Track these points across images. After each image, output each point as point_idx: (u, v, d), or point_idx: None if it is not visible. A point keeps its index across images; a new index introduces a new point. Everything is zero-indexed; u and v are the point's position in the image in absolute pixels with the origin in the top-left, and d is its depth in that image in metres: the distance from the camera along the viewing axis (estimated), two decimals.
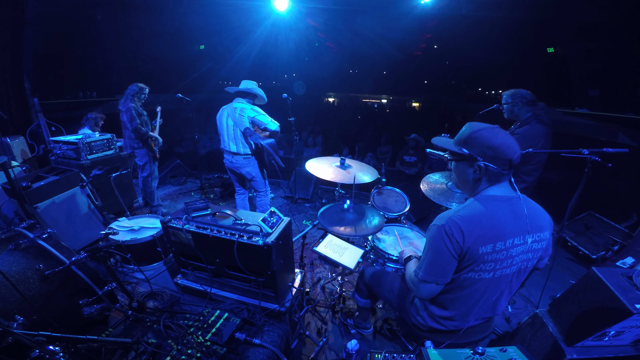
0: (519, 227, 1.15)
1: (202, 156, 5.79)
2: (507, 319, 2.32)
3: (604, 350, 1.42)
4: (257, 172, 3.19)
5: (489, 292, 1.25)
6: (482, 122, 1.22)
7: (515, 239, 1.15)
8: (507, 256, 1.16)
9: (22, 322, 1.07)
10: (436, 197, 2.21)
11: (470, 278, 1.20)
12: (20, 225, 1.50)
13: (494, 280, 1.22)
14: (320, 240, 2.06)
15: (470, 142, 1.16)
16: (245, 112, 2.94)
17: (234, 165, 3.14)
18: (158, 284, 1.87)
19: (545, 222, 1.21)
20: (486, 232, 1.12)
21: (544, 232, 1.20)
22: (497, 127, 1.17)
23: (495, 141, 1.11)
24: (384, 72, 14.59)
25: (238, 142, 3.02)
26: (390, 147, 6.18)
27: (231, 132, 3.00)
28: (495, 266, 1.17)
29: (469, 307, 1.29)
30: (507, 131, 1.19)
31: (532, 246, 1.19)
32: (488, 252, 1.14)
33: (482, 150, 1.14)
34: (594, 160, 1.87)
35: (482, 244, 1.12)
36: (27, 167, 3.56)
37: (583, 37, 4.44)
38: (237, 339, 1.44)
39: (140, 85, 3.54)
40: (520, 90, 2.49)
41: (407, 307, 1.52)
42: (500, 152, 1.11)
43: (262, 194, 3.34)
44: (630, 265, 2.63)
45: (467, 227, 1.12)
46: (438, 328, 1.41)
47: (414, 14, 5.67)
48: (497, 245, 1.13)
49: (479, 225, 1.12)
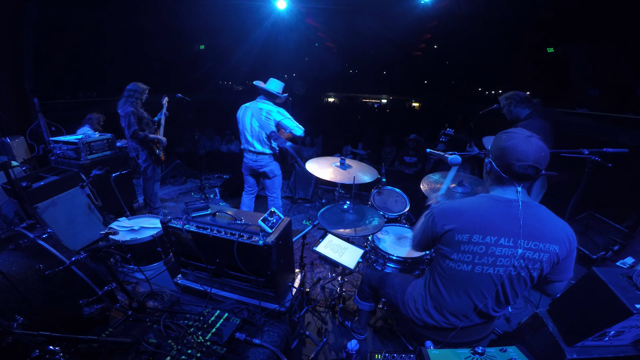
0: (509, 229, 1.15)
1: (202, 156, 5.78)
2: (507, 319, 2.32)
3: (604, 350, 1.42)
4: (279, 172, 3.19)
5: (474, 289, 1.26)
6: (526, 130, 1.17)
7: (502, 239, 1.16)
8: (487, 252, 1.18)
9: (22, 322, 1.06)
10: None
11: (452, 267, 1.26)
12: (20, 225, 1.50)
13: (476, 276, 1.23)
14: (320, 240, 2.06)
15: (494, 140, 1.23)
16: (272, 114, 2.86)
17: (258, 164, 3.08)
18: (158, 284, 1.87)
19: (552, 235, 1.15)
20: (466, 223, 1.19)
21: (546, 243, 1.15)
22: (527, 135, 1.13)
23: (505, 143, 1.14)
24: (384, 72, 14.61)
25: (263, 143, 2.99)
26: (395, 147, 6.19)
27: (255, 133, 2.95)
28: (473, 259, 1.20)
29: (456, 299, 1.31)
30: (527, 136, 1.13)
31: (526, 254, 1.15)
32: (464, 242, 1.19)
33: (493, 149, 1.20)
34: (594, 160, 1.87)
35: (459, 232, 1.19)
36: (27, 167, 3.56)
37: (583, 37, 4.45)
38: (237, 339, 1.44)
39: (140, 85, 3.36)
40: (513, 92, 2.60)
41: (406, 300, 1.54)
42: (503, 155, 1.14)
43: (275, 197, 3.28)
44: (630, 265, 2.63)
45: (451, 214, 1.23)
46: (432, 324, 1.42)
47: (414, 14, 5.67)
48: (473, 237, 1.17)
49: (461, 216, 1.20)
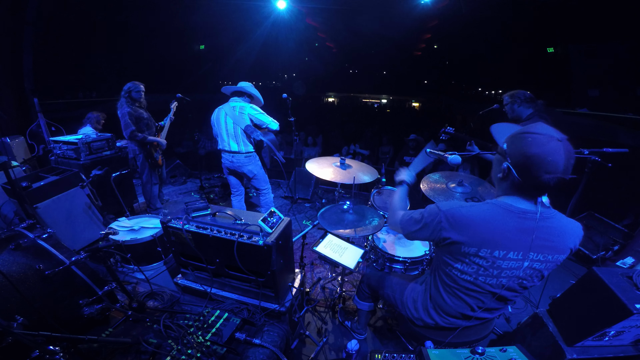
0: (520, 243, 1.09)
1: (202, 156, 5.79)
2: (507, 319, 2.32)
3: (604, 350, 1.42)
4: (259, 170, 3.18)
5: (473, 296, 1.26)
6: (548, 126, 1.03)
7: (510, 253, 1.11)
8: (494, 265, 1.14)
9: (22, 322, 1.06)
10: (436, 197, 2.20)
11: (455, 275, 1.23)
12: (20, 225, 1.50)
13: (477, 285, 1.22)
14: (320, 240, 2.06)
15: (514, 140, 1.06)
16: (245, 110, 2.94)
17: (235, 165, 3.11)
18: (158, 284, 1.86)
19: (563, 246, 1.11)
20: (475, 236, 1.11)
21: (555, 255, 1.12)
22: (556, 139, 0.98)
23: (531, 150, 0.98)
24: (384, 72, 14.63)
25: (239, 140, 3.00)
26: (392, 147, 6.19)
27: (231, 130, 2.97)
28: (477, 270, 1.17)
29: (456, 301, 1.31)
30: (557, 140, 0.98)
31: (533, 264, 1.13)
32: (470, 254, 1.14)
33: (515, 153, 1.04)
34: (594, 160, 1.87)
35: (467, 245, 1.13)
36: (27, 167, 3.56)
37: (583, 37, 4.45)
38: (237, 339, 1.44)
39: (136, 84, 3.35)
40: (518, 90, 2.58)
41: (405, 300, 1.53)
42: (529, 165, 0.99)
43: (264, 192, 3.31)
44: (630, 265, 2.63)
45: (459, 224, 1.12)
46: (431, 324, 1.41)
47: (414, 14, 5.68)
48: (481, 251, 1.12)
49: (471, 228, 1.11)
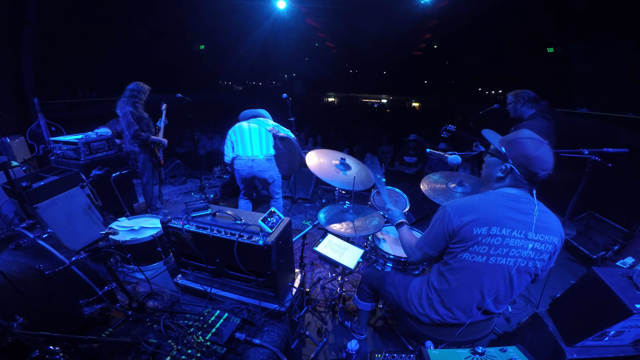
0: (521, 222, 1.20)
1: (202, 156, 5.78)
2: (507, 319, 2.33)
3: (604, 350, 1.42)
4: (278, 175, 3.26)
5: (485, 280, 1.27)
6: (534, 133, 1.25)
7: (515, 231, 1.21)
8: (502, 244, 1.22)
9: (22, 322, 1.06)
10: (436, 197, 2.20)
11: (465, 259, 1.27)
12: (21, 225, 1.50)
13: (489, 267, 1.25)
14: (320, 240, 2.06)
15: (512, 145, 1.23)
16: (267, 121, 3.13)
17: (254, 170, 3.08)
18: (158, 284, 1.86)
19: (554, 227, 1.24)
20: (483, 216, 1.21)
21: (551, 235, 1.23)
22: (546, 143, 1.21)
23: (532, 153, 1.18)
24: (384, 72, 14.64)
25: (263, 142, 3.05)
26: (392, 147, 6.19)
27: (255, 134, 3.02)
28: (489, 251, 1.23)
29: (465, 292, 1.32)
30: (546, 144, 1.21)
31: (535, 245, 1.22)
32: (483, 235, 1.21)
33: (516, 155, 1.21)
34: (594, 160, 1.87)
35: (477, 225, 1.21)
36: (27, 167, 3.57)
37: (583, 37, 4.45)
38: (237, 339, 1.44)
39: (141, 84, 3.35)
40: (523, 90, 2.59)
41: (409, 297, 1.53)
42: (531, 164, 1.18)
43: (278, 197, 3.39)
44: (630, 265, 2.63)
45: (465, 209, 1.24)
46: (437, 319, 1.41)
47: (414, 14, 5.68)
48: (492, 229, 1.21)
49: (477, 210, 1.23)
